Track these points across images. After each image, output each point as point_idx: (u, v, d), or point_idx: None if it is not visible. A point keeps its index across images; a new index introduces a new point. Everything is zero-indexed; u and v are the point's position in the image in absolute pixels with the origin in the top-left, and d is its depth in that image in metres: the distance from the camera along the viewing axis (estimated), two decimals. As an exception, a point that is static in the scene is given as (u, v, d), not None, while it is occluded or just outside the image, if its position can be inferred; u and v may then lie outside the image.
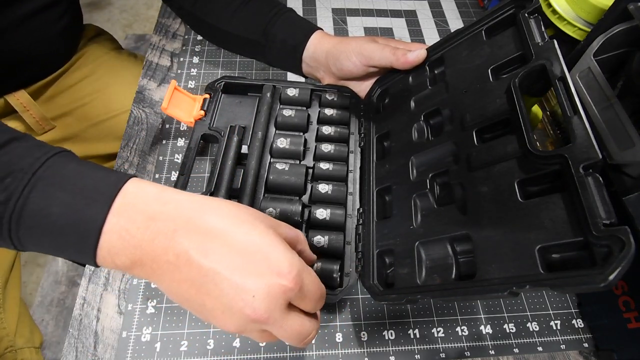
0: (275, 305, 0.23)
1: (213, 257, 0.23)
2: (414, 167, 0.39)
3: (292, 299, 0.24)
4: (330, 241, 0.38)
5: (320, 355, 0.36)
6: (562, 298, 0.41)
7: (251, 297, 0.22)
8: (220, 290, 0.23)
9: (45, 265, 1.11)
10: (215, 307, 0.23)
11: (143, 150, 0.47)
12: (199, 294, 0.23)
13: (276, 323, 0.24)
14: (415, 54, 0.43)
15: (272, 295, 0.23)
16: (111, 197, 0.24)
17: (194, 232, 0.23)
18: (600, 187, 0.25)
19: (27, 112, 0.54)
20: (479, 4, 0.68)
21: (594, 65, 0.36)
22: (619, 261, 0.21)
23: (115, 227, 0.23)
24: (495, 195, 0.31)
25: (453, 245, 0.33)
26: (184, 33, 0.58)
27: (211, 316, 0.24)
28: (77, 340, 0.36)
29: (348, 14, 0.64)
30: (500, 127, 0.34)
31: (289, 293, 0.23)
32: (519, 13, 0.35)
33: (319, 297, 0.26)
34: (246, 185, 0.40)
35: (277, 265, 0.23)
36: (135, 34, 1.64)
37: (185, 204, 0.25)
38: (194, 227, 0.24)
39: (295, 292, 0.24)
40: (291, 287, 0.23)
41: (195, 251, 0.23)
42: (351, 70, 0.46)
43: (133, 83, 0.55)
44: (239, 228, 0.24)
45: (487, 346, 0.38)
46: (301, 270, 0.24)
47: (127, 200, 0.24)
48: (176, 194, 0.26)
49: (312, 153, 0.45)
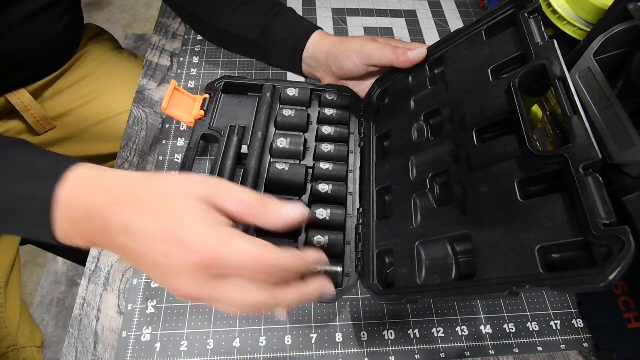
0: (201, 282, 0.24)
1: (138, 242, 0.25)
2: (414, 167, 0.39)
3: (219, 272, 0.24)
4: (330, 241, 0.38)
5: (320, 355, 0.36)
6: (562, 298, 0.41)
7: (175, 277, 0.24)
8: (152, 271, 0.25)
9: (45, 266, 1.11)
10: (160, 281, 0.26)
11: (143, 150, 0.47)
12: (142, 269, 0.26)
13: (214, 295, 0.25)
14: (415, 52, 0.43)
15: (192, 273, 0.24)
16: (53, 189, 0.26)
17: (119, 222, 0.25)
18: (600, 187, 0.25)
19: (28, 112, 0.54)
20: (479, 4, 0.68)
21: (594, 65, 0.36)
22: (619, 261, 0.21)
23: (61, 215, 0.26)
24: (495, 195, 0.31)
25: (453, 245, 0.33)
26: (184, 33, 0.58)
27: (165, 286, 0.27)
28: (77, 340, 0.36)
29: (348, 14, 0.64)
30: (500, 127, 0.34)
31: (206, 269, 0.24)
32: (519, 13, 0.35)
33: (256, 263, 0.24)
34: (246, 185, 0.40)
35: (192, 243, 0.24)
36: (135, 34, 1.64)
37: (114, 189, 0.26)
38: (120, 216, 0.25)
39: (213, 267, 0.24)
40: (207, 264, 0.23)
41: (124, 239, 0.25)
42: (351, 69, 0.46)
43: (133, 83, 0.55)
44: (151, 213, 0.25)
45: (487, 346, 0.38)
46: (214, 244, 0.24)
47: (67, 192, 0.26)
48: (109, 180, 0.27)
49: (312, 153, 0.45)
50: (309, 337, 0.37)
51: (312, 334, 0.37)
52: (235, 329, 0.37)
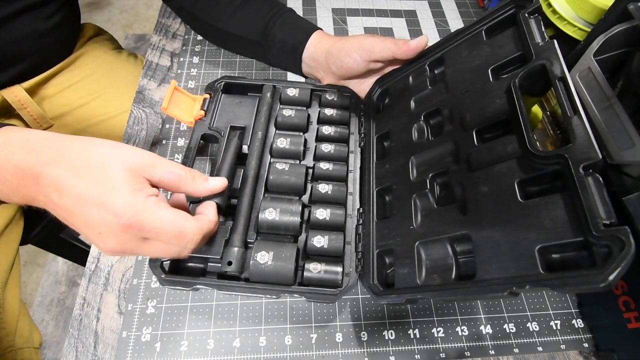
0: (124, 240, 0.27)
1: (70, 200, 0.27)
2: (414, 167, 0.39)
3: (142, 235, 0.28)
4: (330, 241, 0.38)
5: (320, 355, 0.36)
6: (562, 298, 0.41)
7: (98, 234, 0.27)
8: (81, 227, 0.28)
9: (45, 265, 1.11)
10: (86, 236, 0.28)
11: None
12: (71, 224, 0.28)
13: (135, 251, 0.29)
14: (417, 40, 0.43)
15: (114, 233, 0.27)
16: None
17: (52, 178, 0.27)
18: (600, 187, 0.25)
19: (24, 110, 0.54)
20: (479, 4, 0.68)
21: (594, 65, 0.36)
22: (619, 261, 0.21)
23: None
24: (495, 195, 0.31)
25: (453, 245, 0.33)
26: (184, 33, 0.58)
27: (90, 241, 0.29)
28: (77, 340, 0.36)
29: (348, 14, 0.64)
30: (500, 127, 0.34)
31: (130, 231, 0.27)
32: (519, 13, 0.35)
33: (173, 233, 0.29)
34: (246, 185, 0.40)
35: (114, 207, 0.26)
36: (135, 34, 1.64)
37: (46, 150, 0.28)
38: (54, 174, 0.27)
39: (136, 230, 0.27)
40: (128, 225, 0.27)
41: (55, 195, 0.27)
42: (352, 66, 0.46)
43: (133, 83, 0.55)
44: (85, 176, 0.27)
45: (487, 346, 0.38)
46: (139, 210, 0.27)
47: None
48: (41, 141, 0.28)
49: (312, 153, 0.45)
50: (309, 337, 0.37)
51: (312, 334, 0.37)
52: (235, 329, 0.37)
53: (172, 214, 0.29)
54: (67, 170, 0.27)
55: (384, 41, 0.44)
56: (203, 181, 0.33)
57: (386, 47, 0.43)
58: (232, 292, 0.35)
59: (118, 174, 0.27)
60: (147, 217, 0.27)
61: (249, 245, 0.38)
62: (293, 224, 0.38)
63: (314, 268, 0.37)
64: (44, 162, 0.27)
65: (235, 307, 0.38)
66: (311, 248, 0.37)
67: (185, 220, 0.30)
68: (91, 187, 0.27)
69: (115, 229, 0.27)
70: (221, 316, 0.38)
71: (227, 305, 0.38)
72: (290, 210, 0.38)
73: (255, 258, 0.36)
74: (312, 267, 0.37)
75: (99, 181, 0.27)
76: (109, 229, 0.27)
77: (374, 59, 0.45)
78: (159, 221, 0.28)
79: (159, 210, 0.28)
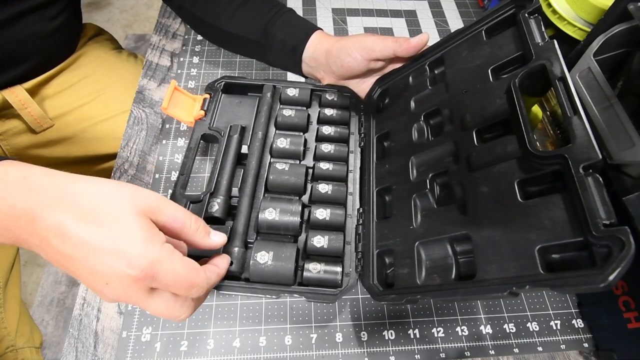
0: (131, 291, 0.25)
1: (74, 247, 0.25)
2: (414, 167, 0.39)
3: (152, 286, 0.26)
4: (330, 241, 0.38)
5: (320, 355, 0.36)
6: (562, 298, 0.41)
7: (104, 284, 0.25)
8: (83, 275, 0.26)
9: (45, 266, 1.11)
10: (87, 284, 0.26)
11: (143, 150, 0.47)
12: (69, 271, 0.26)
13: (140, 304, 0.27)
14: (418, 37, 0.43)
15: (123, 283, 0.25)
16: None
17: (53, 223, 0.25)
18: (600, 187, 0.25)
19: (25, 110, 0.54)
20: (479, 4, 0.68)
21: (594, 65, 0.36)
22: (619, 261, 0.21)
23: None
24: (495, 196, 0.31)
25: (453, 246, 0.33)
26: (184, 33, 0.58)
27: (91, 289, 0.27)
28: (77, 340, 0.36)
29: (348, 14, 0.64)
30: (500, 127, 0.34)
31: (141, 282, 0.25)
32: (519, 13, 0.35)
33: (184, 286, 0.27)
34: (246, 185, 0.40)
35: (128, 256, 0.25)
36: (135, 34, 1.64)
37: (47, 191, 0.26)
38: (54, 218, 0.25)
39: (148, 281, 0.25)
40: (141, 277, 0.25)
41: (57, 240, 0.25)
42: (352, 66, 0.46)
43: (133, 83, 0.55)
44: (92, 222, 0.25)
45: (487, 346, 0.38)
46: (155, 261, 0.25)
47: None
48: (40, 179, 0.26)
49: (312, 153, 0.45)
50: (309, 337, 0.37)
51: (312, 334, 0.37)
52: (235, 329, 0.37)
53: (186, 266, 0.27)
54: (70, 214, 0.25)
55: (385, 39, 0.44)
56: (205, 234, 0.31)
57: (387, 45, 0.44)
58: (232, 292, 0.35)
59: (128, 218, 0.25)
60: (162, 269, 0.26)
61: (249, 245, 0.38)
62: (293, 224, 0.38)
63: (314, 268, 0.37)
64: (44, 203, 0.25)
65: (235, 307, 0.38)
66: (311, 248, 0.38)
67: (197, 272, 0.28)
68: (100, 234, 0.25)
69: (124, 279, 0.25)
70: (221, 316, 0.38)
71: (227, 305, 0.38)
72: (290, 210, 0.38)
73: (255, 258, 0.36)
74: (312, 267, 0.37)
75: (108, 227, 0.25)
76: (118, 279, 0.25)
77: (375, 57, 0.45)
78: (173, 272, 0.26)
79: (174, 260, 0.26)
